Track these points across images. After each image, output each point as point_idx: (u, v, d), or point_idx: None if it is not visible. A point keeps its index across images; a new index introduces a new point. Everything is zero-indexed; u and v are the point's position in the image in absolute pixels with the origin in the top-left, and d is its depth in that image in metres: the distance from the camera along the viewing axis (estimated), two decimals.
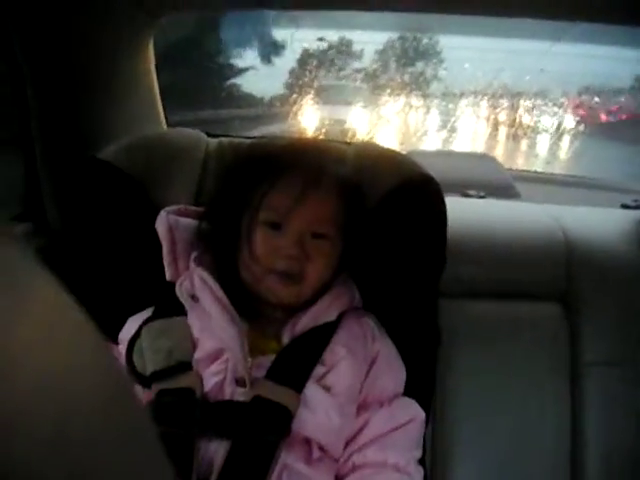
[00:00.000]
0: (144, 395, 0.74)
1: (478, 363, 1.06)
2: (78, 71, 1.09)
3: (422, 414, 0.80)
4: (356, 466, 0.73)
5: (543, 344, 1.09)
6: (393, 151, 1.03)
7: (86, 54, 1.09)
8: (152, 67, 1.25)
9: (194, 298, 0.77)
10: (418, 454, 0.78)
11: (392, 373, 0.81)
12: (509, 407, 1.05)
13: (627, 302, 1.10)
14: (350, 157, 0.96)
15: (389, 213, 0.88)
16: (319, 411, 0.72)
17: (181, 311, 0.78)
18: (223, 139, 1.05)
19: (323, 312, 0.80)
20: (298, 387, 0.72)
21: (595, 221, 1.25)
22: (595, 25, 1.23)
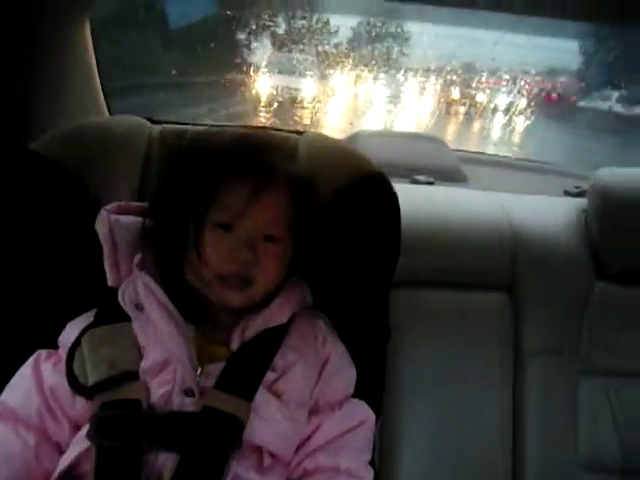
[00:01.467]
0: (87, 407, 0.71)
1: (424, 355, 1.08)
2: (11, 56, 1.02)
3: (372, 416, 0.80)
4: (307, 471, 0.73)
5: (489, 333, 1.12)
6: (344, 146, 1.01)
7: (19, 38, 1.02)
8: (90, 49, 1.18)
9: (138, 306, 0.73)
10: (369, 456, 0.78)
11: (343, 376, 0.80)
12: (454, 398, 1.08)
13: (568, 292, 1.13)
14: (301, 152, 0.94)
15: (340, 211, 0.87)
16: (270, 419, 0.71)
17: (124, 316, 0.74)
18: (166, 125, 1.01)
19: (274, 315, 0.78)
20: (248, 395, 0.71)
21: (540, 210, 1.28)
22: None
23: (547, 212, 1.26)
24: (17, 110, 1.06)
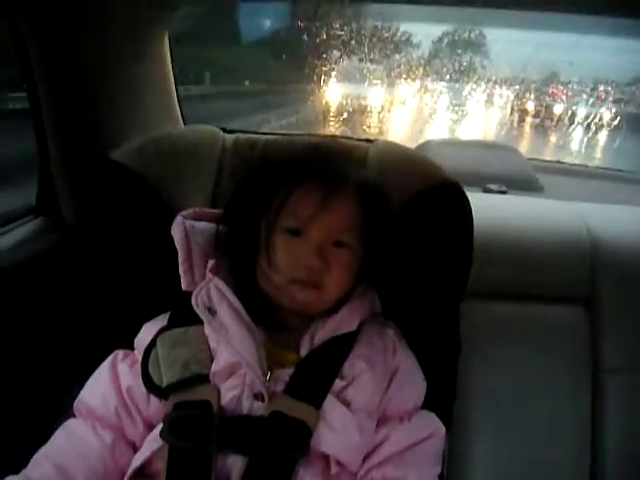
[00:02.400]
0: (160, 406, 0.73)
1: (497, 368, 1.05)
2: (92, 69, 1.08)
3: (442, 429, 0.78)
4: None
5: (565, 347, 1.07)
6: (415, 153, 1.00)
7: (99, 50, 1.07)
8: (168, 61, 1.23)
9: (211, 310, 0.75)
10: (437, 470, 0.76)
11: (412, 387, 0.79)
12: (528, 414, 1.04)
13: None
14: (372, 159, 0.93)
15: (412, 219, 0.86)
16: (338, 427, 0.70)
17: (197, 319, 0.76)
18: (240, 135, 1.03)
19: (343, 322, 0.77)
20: (317, 402, 0.71)
21: (620, 220, 1.22)
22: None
23: (628, 222, 1.20)
24: (98, 119, 1.12)
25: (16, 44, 1.02)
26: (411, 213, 0.86)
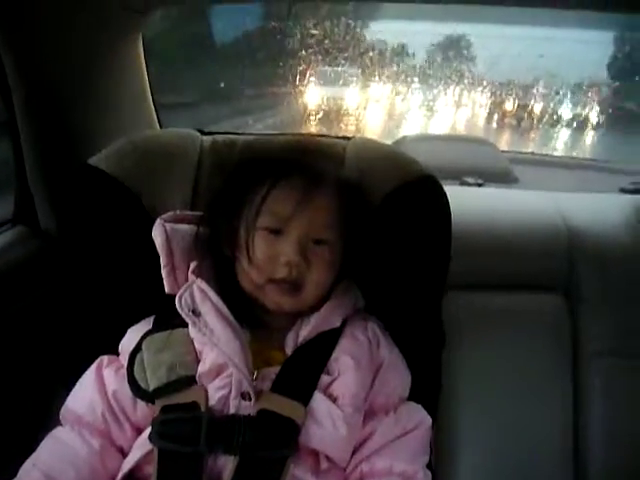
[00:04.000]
0: (147, 410, 0.73)
1: (479, 357, 1.07)
2: (66, 73, 1.07)
3: (429, 419, 0.79)
4: (364, 475, 0.73)
5: (546, 336, 1.09)
6: (393, 149, 1.01)
7: (73, 55, 1.07)
8: (142, 66, 1.22)
9: (195, 312, 0.75)
10: (426, 459, 0.77)
11: (397, 379, 0.80)
12: (512, 401, 1.05)
13: (629, 291, 1.09)
14: (350, 156, 0.94)
15: (390, 214, 0.87)
16: (326, 423, 0.71)
17: (182, 322, 0.76)
18: (217, 136, 1.03)
19: (326, 319, 0.78)
20: (304, 398, 0.72)
21: (596, 208, 1.24)
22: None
23: (603, 210, 1.23)
24: (74, 126, 1.11)
25: None
26: (389, 208, 0.87)
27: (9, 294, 1.02)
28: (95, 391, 0.76)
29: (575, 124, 3.35)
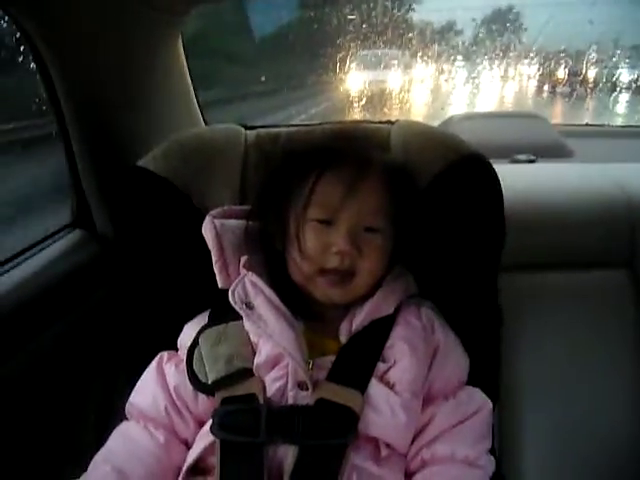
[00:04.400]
0: (208, 403, 0.75)
1: (542, 338, 1.04)
2: (110, 78, 1.10)
3: (489, 403, 0.78)
4: (425, 461, 0.72)
5: (609, 314, 1.05)
6: (438, 130, 0.99)
7: (115, 60, 1.09)
8: (184, 64, 1.24)
9: (248, 305, 0.76)
10: (488, 444, 0.76)
11: (454, 363, 0.79)
12: (576, 384, 1.02)
13: None
14: (395, 140, 0.93)
15: (438, 196, 0.85)
16: (384, 410, 0.70)
17: (237, 315, 0.77)
18: (261, 130, 1.04)
19: (379, 306, 0.78)
20: (361, 386, 0.71)
21: None
22: None
23: None
24: (121, 129, 1.14)
25: (39, 66, 1.05)
26: (438, 190, 0.85)
27: (71, 296, 1.06)
28: (157, 386, 0.78)
29: (632, 90, 3.19)
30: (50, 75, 1.04)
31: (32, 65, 1.07)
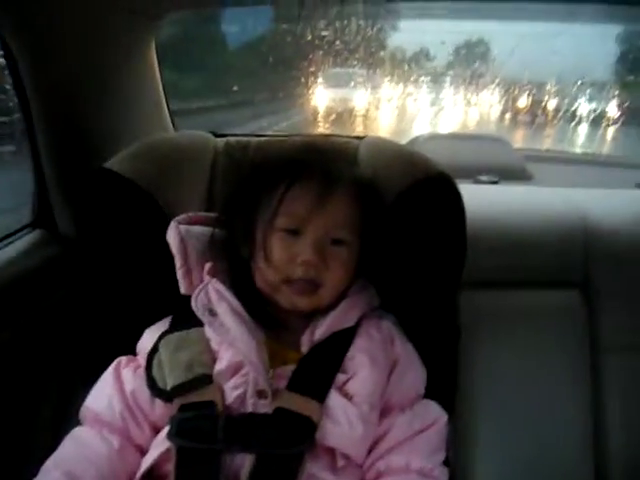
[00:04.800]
0: (165, 409, 0.74)
1: (497, 354, 1.06)
2: (80, 79, 1.08)
3: (444, 416, 0.79)
4: (381, 472, 0.73)
5: (563, 332, 1.08)
6: (405, 148, 1.01)
7: (87, 60, 1.08)
8: (156, 69, 1.23)
9: (211, 312, 0.76)
10: (442, 456, 0.77)
11: (412, 376, 0.80)
12: (529, 397, 1.05)
13: None
14: (363, 155, 0.95)
15: (404, 213, 0.87)
16: (342, 421, 0.71)
17: (199, 322, 0.77)
18: (230, 138, 1.04)
19: (342, 318, 0.79)
20: (320, 396, 0.72)
21: (612, 204, 1.24)
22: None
23: (620, 206, 1.22)
24: (89, 130, 1.13)
25: (8, 62, 1.04)
26: (403, 206, 0.87)
27: (29, 297, 1.04)
28: (114, 390, 0.77)
29: (590, 120, 3.31)
30: (19, 72, 1.03)
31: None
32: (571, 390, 1.05)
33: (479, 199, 1.15)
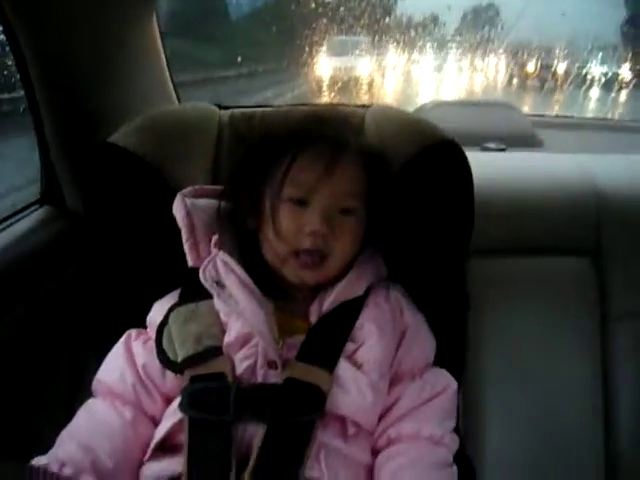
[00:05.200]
0: (176, 381, 0.75)
1: (507, 322, 1.06)
2: (82, 53, 1.07)
3: (454, 383, 0.79)
4: (392, 440, 0.73)
5: (573, 298, 1.08)
6: (412, 115, 1.00)
7: (89, 33, 1.07)
8: (158, 41, 1.21)
9: (219, 284, 0.76)
10: (452, 423, 0.77)
11: (422, 345, 0.80)
12: (539, 364, 1.05)
13: None
14: (369, 124, 0.93)
15: (411, 180, 0.86)
16: (352, 389, 0.71)
17: (207, 294, 0.77)
18: (235, 110, 1.03)
19: (350, 288, 0.78)
20: (329, 366, 0.72)
21: (623, 169, 1.22)
22: None
23: (631, 171, 1.20)
24: (94, 105, 1.12)
25: (10, 40, 1.03)
26: (410, 174, 0.86)
27: (39, 273, 1.05)
28: (125, 363, 0.77)
29: (601, 84, 3.24)
30: (21, 49, 1.02)
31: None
32: (581, 357, 1.05)
33: (487, 166, 1.14)
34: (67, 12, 1.02)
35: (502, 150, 1.53)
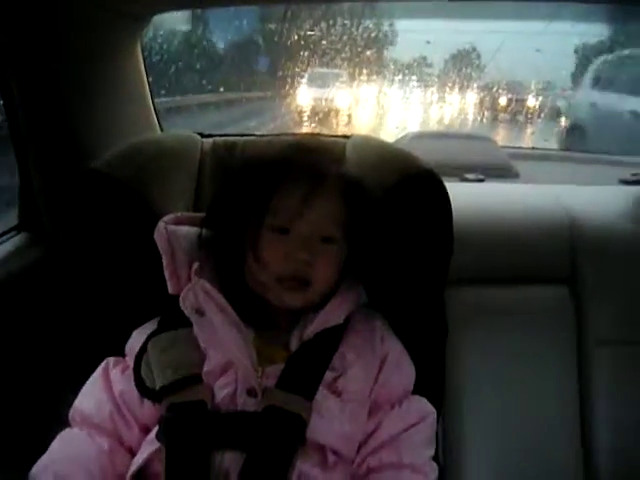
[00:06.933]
0: (154, 409, 0.74)
1: (485, 351, 1.07)
2: (67, 79, 1.07)
3: (433, 411, 0.80)
4: (372, 468, 0.73)
5: (550, 327, 1.09)
6: (392, 146, 1.02)
7: (73, 61, 1.07)
8: (142, 69, 1.23)
9: (199, 312, 0.76)
10: (431, 452, 0.78)
11: (401, 373, 0.81)
12: (517, 392, 1.06)
13: (630, 281, 1.10)
14: (350, 154, 0.95)
15: (391, 210, 0.87)
16: (331, 418, 0.71)
17: (187, 322, 0.77)
18: (217, 138, 1.04)
19: (331, 316, 0.79)
20: (309, 394, 0.72)
21: (597, 200, 1.25)
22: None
23: (604, 201, 1.24)
24: (76, 131, 1.11)
25: None
26: (390, 203, 0.87)
27: (17, 300, 1.03)
28: (102, 392, 0.77)
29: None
30: (4, 72, 1.02)
31: None
32: (559, 385, 1.06)
33: (466, 197, 1.16)
34: (52, 41, 1.03)
35: (481, 181, 1.56)
